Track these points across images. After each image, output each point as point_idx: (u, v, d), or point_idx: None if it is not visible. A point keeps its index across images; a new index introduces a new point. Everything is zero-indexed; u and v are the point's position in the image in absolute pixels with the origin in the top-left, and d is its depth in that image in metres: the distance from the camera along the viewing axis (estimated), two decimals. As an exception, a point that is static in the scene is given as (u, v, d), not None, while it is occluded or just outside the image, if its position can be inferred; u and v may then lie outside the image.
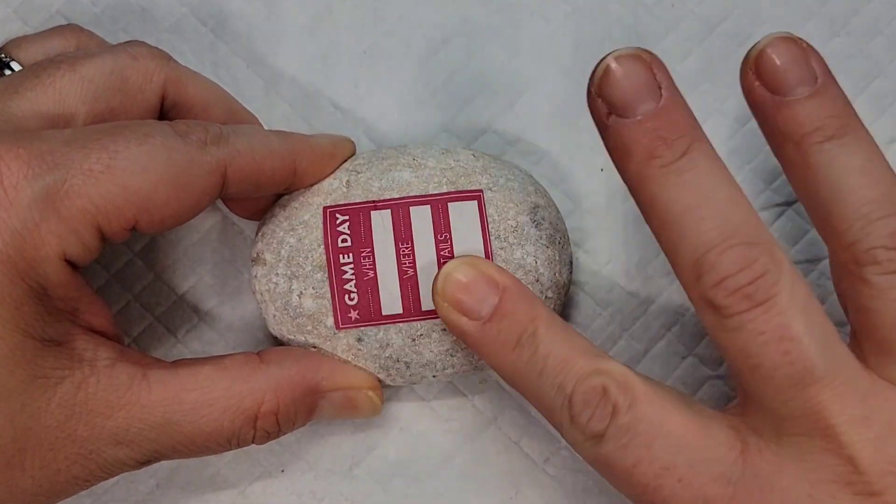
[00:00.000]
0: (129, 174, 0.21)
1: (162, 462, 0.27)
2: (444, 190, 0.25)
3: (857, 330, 0.21)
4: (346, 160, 0.26)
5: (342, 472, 0.28)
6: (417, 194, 0.25)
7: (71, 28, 0.26)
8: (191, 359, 0.24)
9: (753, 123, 0.29)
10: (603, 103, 0.20)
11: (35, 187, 0.20)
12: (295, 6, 0.30)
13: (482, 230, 0.25)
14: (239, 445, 0.24)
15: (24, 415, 0.20)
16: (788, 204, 0.29)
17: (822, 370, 0.19)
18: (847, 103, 0.21)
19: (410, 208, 0.25)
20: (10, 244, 0.20)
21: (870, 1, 0.30)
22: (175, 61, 0.25)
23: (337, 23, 0.30)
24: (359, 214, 0.25)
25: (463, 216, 0.25)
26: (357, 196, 0.25)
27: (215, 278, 0.29)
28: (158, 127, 0.22)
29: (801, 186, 0.21)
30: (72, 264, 0.21)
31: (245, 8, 0.30)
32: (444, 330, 0.25)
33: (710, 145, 0.20)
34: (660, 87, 0.19)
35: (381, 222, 0.25)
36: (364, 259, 0.25)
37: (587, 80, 0.20)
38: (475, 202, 0.25)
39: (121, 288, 0.29)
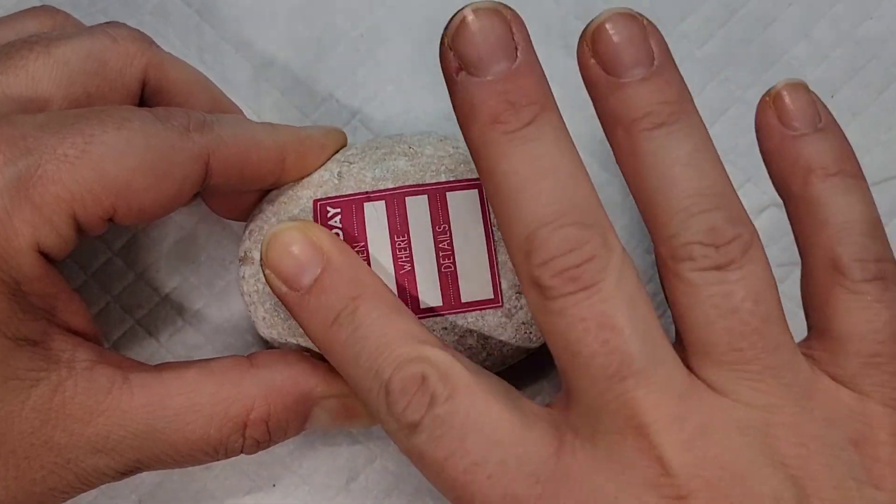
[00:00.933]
0: (107, 160, 0.20)
1: (144, 476, 0.26)
2: (443, 179, 0.24)
3: (677, 329, 0.20)
4: (337, 151, 0.25)
5: (339, 486, 0.27)
6: (413, 184, 0.24)
7: (45, 9, 0.25)
8: (176, 362, 0.22)
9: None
10: (454, 57, 0.19)
11: (6, 174, 0.19)
12: (287, -14, 0.29)
13: (483, 220, 0.24)
14: (227, 455, 0.22)
15: None
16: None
17: (639, 364, 0.18)
18: (683, 88, 0.19)
19: (406, 199, 0.24)
20: None
21: (905, -20, 0.29)
22: (157, 45, 0.24)
23: (332, 4, 0.29)
24: (351, 207, 0.23)
25: (463, 206, 0.24)
26: (349, 188, 0.24)
27: (201, 278, 0.28)
28: (138, 112, 0.21)
29: (630, 175, 0.20)
30: (47, 257, 0.20)
31: (233, -12, 0.29)
32: (446, 328, 0.23)
33: (560, 117, 0.19)
34: (516, 48, 0.19)
35: (375, 214, 0.23)
36: (357, 254, 0.23)
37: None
38: (475, 191, 0.24)
39: (99, 289, 0.27)
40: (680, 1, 0.29)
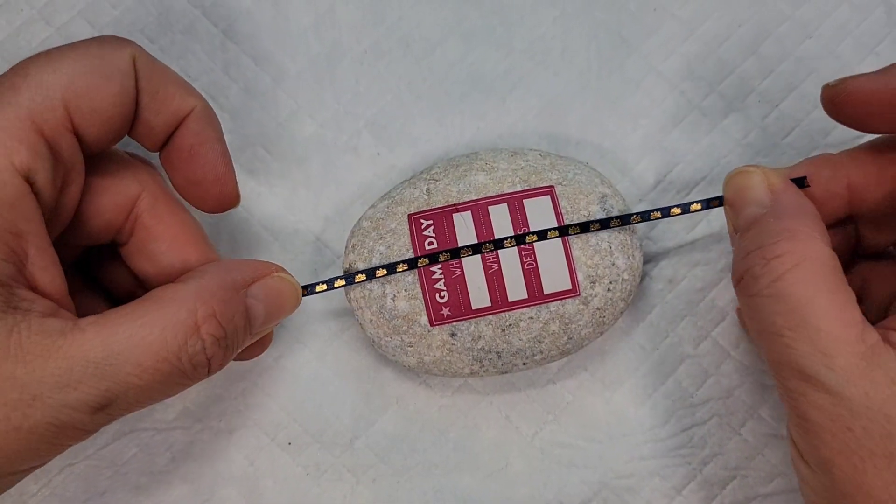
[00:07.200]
0: (45, 72, 0.22)
1: (177, 436, 0.29)
2: (519, 188, 0.27)
3: None
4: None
5: (344, 444, 0.30)
6: (494, 195, 0.27)
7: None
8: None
9: (729, 121, 0.31)
10: None
11: None
12: (300, 7, 0.32)
13: (557, 221, 0.26)
14: (192, 363, 0.22)
15: None
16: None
17: None
18: None
19: (489, 208, 0.27)
20: None
21: (839, 5, 0.32)
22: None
23: (339, 23, 0.32)
24: (442, 218, 0.26)
25: (539, 211, 0.27)
26: (438, 202, 0.27)
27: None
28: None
29: None
30: (32, 186, 0.22)
31: (253, 9, 0.32)
32: (532, 317, 0.26)
33: None
34: None
35: (464, 223, 0.26)
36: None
37: (575, 78, 0.20)
38: (548, 197, 0.27)
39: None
40: (644, 23, 0.32)
